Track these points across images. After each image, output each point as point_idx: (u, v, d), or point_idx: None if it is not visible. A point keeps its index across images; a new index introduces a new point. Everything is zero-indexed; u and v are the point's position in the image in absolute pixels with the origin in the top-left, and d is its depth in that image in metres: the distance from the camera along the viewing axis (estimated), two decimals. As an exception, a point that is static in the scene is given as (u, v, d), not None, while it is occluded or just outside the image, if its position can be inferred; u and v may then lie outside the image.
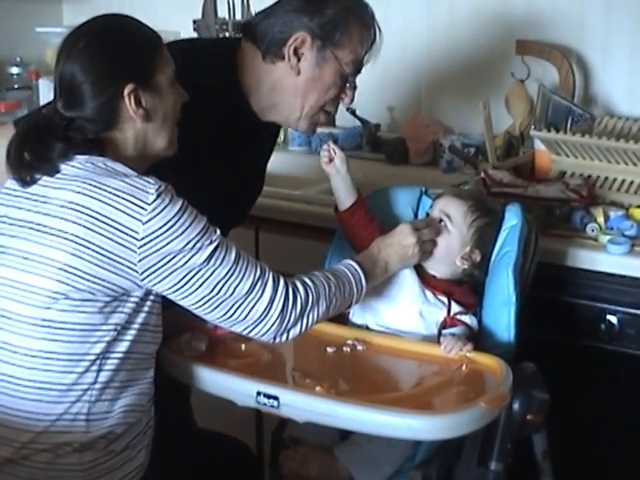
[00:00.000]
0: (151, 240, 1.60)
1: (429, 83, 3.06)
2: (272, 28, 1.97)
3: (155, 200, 1.60)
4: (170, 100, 1.75)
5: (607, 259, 2.15)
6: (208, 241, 1.63)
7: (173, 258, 1.61)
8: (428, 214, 2.04)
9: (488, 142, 2.55)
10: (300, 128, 2.09)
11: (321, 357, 1.88)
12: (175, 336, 1.87)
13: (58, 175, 1.66)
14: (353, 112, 3.05)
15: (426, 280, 1.99)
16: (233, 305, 1.67)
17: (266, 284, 1.68)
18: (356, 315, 2.02)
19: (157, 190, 1.60)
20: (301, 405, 1.68)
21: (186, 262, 1.62)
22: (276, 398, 1.68)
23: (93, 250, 1.60)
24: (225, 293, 1.65)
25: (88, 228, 1.60)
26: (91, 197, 1.61)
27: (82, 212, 1.60)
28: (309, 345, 1.96)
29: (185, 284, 1.64)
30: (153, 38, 1.75)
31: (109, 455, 1.68)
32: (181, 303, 1.68)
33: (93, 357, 1.64)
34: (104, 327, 1.64)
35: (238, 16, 3.20)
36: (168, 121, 1.75)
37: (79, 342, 1.63)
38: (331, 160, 2.03)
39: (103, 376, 1.65)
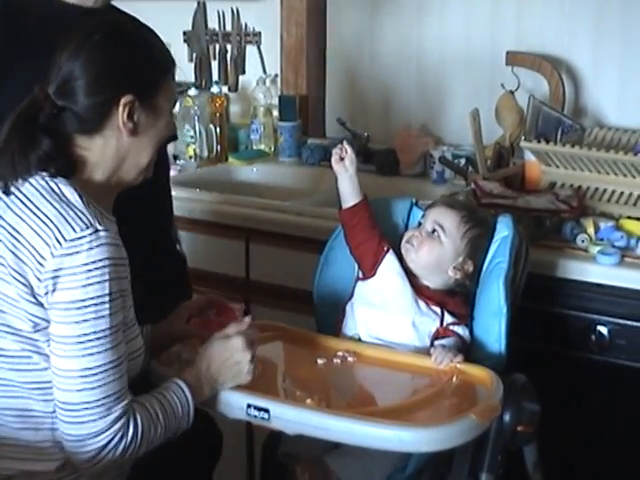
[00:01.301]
0: (54, 277, 1.55)
1: (419, 94, 3.07)
2: None
3: (74, 240, 1.55)
4: (162, 124, 1.71)
5: (597, 270, 2.15)
6: (94, 315, 1.55)
7: (63, 309, 1.56)
8: (420, 223, 2.04)
9: (478, 153, 2.55)
10: None
11: (312, 369, 1.87)
12: (165, 348, 1.86)
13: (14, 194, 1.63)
14: (343, 123, 3.06)
15: (419, 290, 1.99)
16: (75, 405, 1.57)
17: (110, 410, 1.58)
18: (348, 326, 2.02)
19: (82, 230, 1.56)
20: (292, 417, 1.67)
21: (68, 321, 1.56)
22: (267, 411, 1.67)
23: (15, 278, 1.58)
24: (73, 384, 1.57)
25: (14, 254, 1.58)
26: (22, 220, 1.59)
27: (13, 235, 1.59)
28: (299, 357, 1.96)
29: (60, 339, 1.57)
30: (169, 60, 1.73)
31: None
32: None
33: None
34: None
35: (228, 27, 3.20)
36: (152, 144, 1.71)
37: (39, 370, 1.62)
38: (342, 159, 2.02)
39: None
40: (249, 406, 1.69)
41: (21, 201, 1.62)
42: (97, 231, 1.56)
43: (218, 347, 1.73)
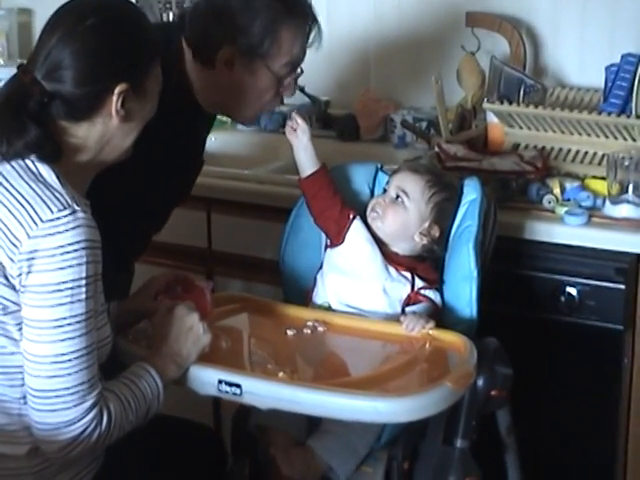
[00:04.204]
0: (30, 259, 1.51)
1: (378, 58, 3.03)
2: (201, 33, 1.92)
3: (51, 220, 1.51)
4: (149, 107, 1.67)
5: (565, 231, 2.14)
6: (69, 299, 1.51)
7: (38, 292, 1.52)
8: (385, 190, 2.02)
9: (441, 116, 2.52)
10: (244, 122, 2.12)
11: (282, 340, 1.85)
12: (131, 324, 1.83)
13: None
14: (302, 89, 3.00)
15: (389, 257, 1.97)
16: (48, 392, 1.54)
17: (84, 398, 1.54)
18: (319, 295, 2.00)
19: (60, 211, 1.51)
20: (264, 392, 1.64)
21: (43, 305, 1.52)
22: (238, 386, 1.64)
23: None
24: (46, 370, 1.53)
25: None
26: None
27: None
28: (269, 328, 1.94)
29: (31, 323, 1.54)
30: (157, 42, 1.69)
31: None
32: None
33: None
34: None
35: (182, -6, 3.14)
36: (138, 127, 1.67)
37: (5, 354, 1.58)
38: (295, 130, 2.01)
39: None
40: (220, 382, 1.65)
41: None
42: (75, 212, 1.52)
43: (165, 324, 1.72)
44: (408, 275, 1.95)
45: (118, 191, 1.81)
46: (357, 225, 1.99)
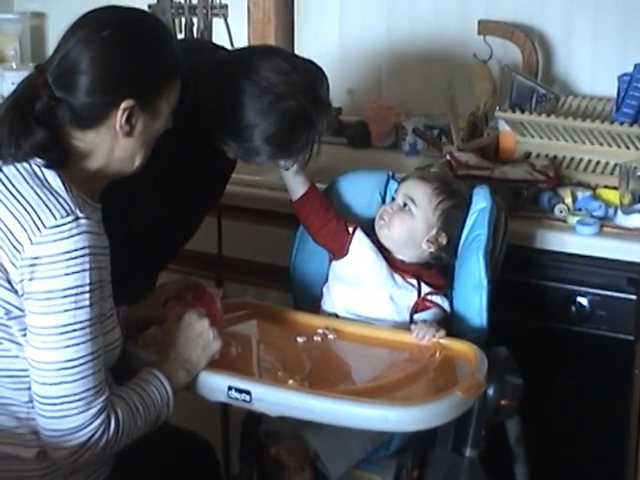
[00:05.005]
0: (32, 265, 1.50)
1: (390, 64, 3.03)
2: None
3: (54, 227, 1.50)
4: (159, 126, 1.65)
5: (576, 240, 2.13)
6: (73, 306, 1.50)
7: (41, 299, 1.51)
8: (394, 198, 2.01)
9: (453, 124, 2.52)
10: None
11: (292, 348, 1.85)
12: (141, 330, 1.83)
13: None
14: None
15: (394, 264, 1.97)
16: (54, 399, 1.53)
17: (91, 404, 1.54)
18: (327, 304, 2.00)
19: (63, 217, 1.51)
20: (274, 399, 1.64)
21: (47, 312, 1.51)
22: (248, 393, 1.64)
23: None
24: (52, 377, 1.52)
25: None
26: (1, 202, 1.54)
27: None
28: (279, 335, 1.93)
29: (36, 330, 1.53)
30: (176, 63, 1.65)
31: None
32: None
33: None
34: None
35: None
36: (147, 143, 1.65)
37: (10, 357, 1.58)
38: None
39: None
40: (230, 388, 1.65)
41: (2, 182, 1.57)
42: (78, 219, 1.52)
43: (176, 331, 1.71)
44: (414, 282, 1.95)
45: (143, 205, 1.84)
46: (359, 236, 1.99)
